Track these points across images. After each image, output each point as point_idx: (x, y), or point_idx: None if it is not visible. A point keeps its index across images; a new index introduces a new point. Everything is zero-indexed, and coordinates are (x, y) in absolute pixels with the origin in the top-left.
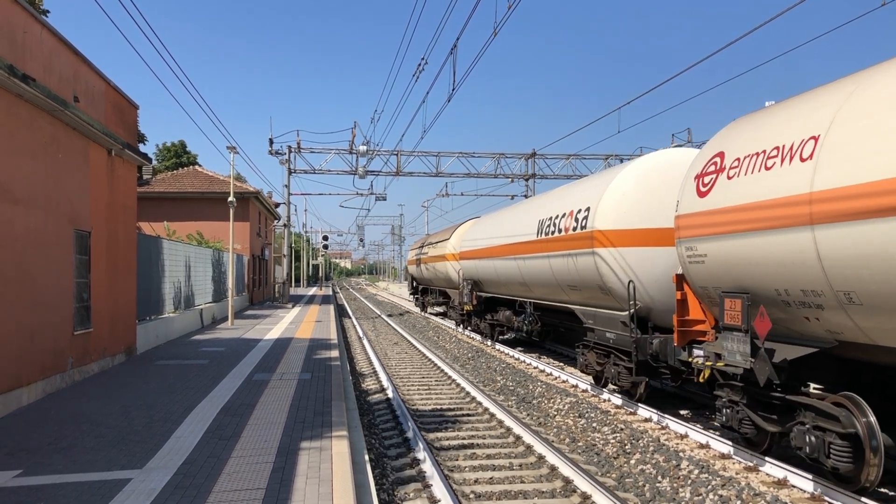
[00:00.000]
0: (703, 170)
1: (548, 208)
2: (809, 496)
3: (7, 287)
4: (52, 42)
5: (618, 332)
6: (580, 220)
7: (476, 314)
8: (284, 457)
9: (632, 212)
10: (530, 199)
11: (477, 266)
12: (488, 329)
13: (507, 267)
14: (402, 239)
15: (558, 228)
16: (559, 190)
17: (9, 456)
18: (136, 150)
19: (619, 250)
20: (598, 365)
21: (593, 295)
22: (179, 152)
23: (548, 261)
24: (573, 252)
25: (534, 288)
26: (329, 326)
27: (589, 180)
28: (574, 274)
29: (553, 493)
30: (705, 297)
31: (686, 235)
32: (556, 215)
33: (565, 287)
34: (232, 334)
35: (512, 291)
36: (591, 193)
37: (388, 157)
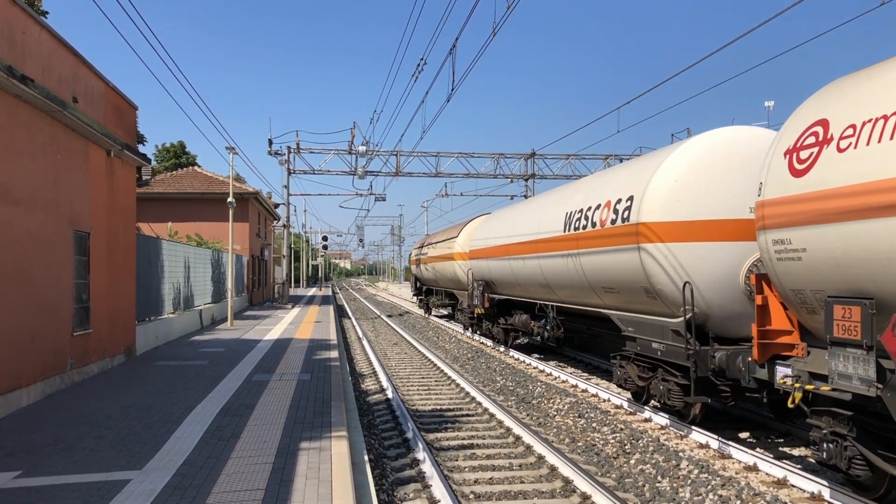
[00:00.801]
0: (798, 143)
1: (576, 200)
2: (809, 496)
3: (6, 288)
4: (51, 43)
5: (667, 343)
6: (621, 212)
7: (488, 318)
8: (284, 457)
9: (686, 200)
10: (554, 191)
11: (489, 266)
12: (501, 334)
13: (526, 267)
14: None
15: (591, 222)
16: (590, 178)
17: (8, 457)
18: (135, 150)
19: (671, 246)
20: (640, 380)
21: (636, 298)
22: (179, 153)
23: (577, 259)
24: (611, 249)
25: (557, 290)
26: (328, 327)
27: (629, 166)
28: (611, 274)
29: (553, 493)
30: (798, 302)
31: (773, 224)
32: (589, 207)
33: (598, 289)
34: (231, 335)
35: (531, 293)
36: (635, 180)
37: (387, 158)
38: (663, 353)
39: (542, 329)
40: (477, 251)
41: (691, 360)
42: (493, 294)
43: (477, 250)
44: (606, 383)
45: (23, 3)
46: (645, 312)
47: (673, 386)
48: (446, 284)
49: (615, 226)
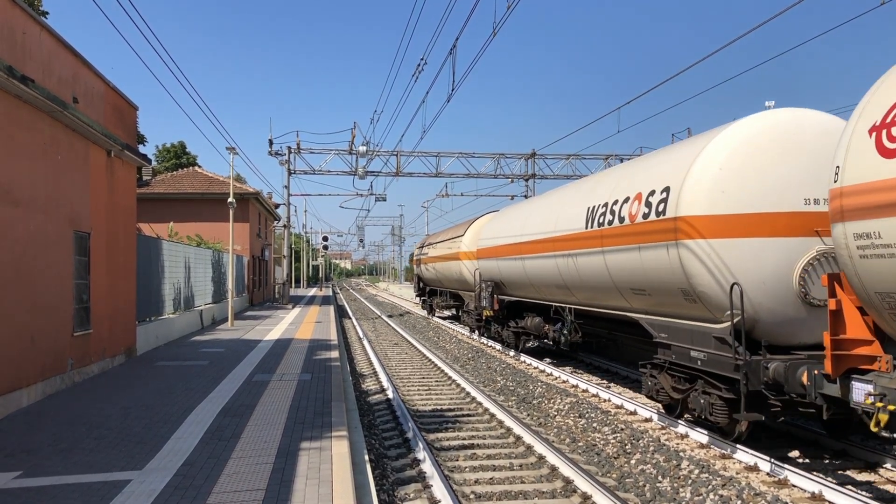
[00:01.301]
0: (889, 117)
1: (600, 193)
2: (810, 496)
3: (7, 289)
4: (51, 43)
5: (709, 352)
6: (654, 206)
7: (497, 320)
8: (284, 458)
9: (732, 191)
10: (572, 185)
11: (499, 266)
12: (512, 338)
13: (542, 267)
14: (402, 239)
15: (619, 217)
16: (615, 170)
17: (8, 457)
18: (135, 151)
19: (715, 243)
20: (675, 392)
21: (670, 301)
22: (179, 153)
23: (601, 257)
24: (644, 246)
25: (576, 291)
26: (329, 327)
27: (662, 153)
28: (642, 274)
29: (553, 493)
30: (885, 307)
31: (856, 215)
32: (615, 201)
33: (626, 291)
34: (232, 335)
35: (545, 295)
36: (672, 169)
37: (387, 158)
38: (704, 363)
39: (557, 333)
40: (485, 250)
41: (741, 372)
42: (503, 295)
43: (485, 249)
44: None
45: (23, 3)
46: (681, 317)
47: (716, 400)
48: (451, 285)
49: (648, 221)
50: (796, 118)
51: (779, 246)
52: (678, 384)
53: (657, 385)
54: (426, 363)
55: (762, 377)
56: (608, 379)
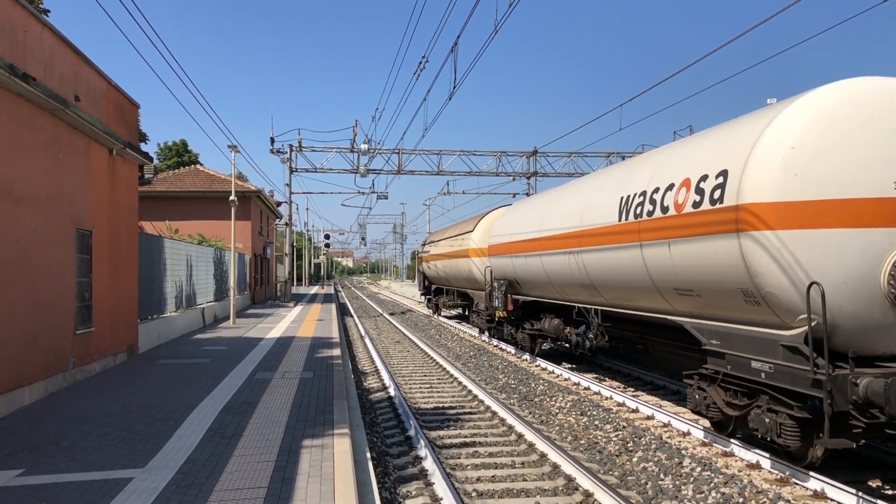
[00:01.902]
0: None
1: (636, 181)
2: (812, 493)
3: (9, 287)
4: (52, 41)
5: (777, 363)
6: (708, 193)
7: (510, 322)
8: (286, 455)
9: (807, 173)
10: (601, 172)
11: (514, 263)
12: (527, 341)
13: (564, 264)
14: (404, 237)
15: (661, 207)
16: (653, 154)
17: (10, 455)
18: (137, 149)
19: (787, 234)
20: (729, 408)
21: (725, 303)
22: (181, 151)
23: (638, 253)
24: (693, 240)
25: (605, 291)
26: (331, 325)
27: (714, 132)
28: (690, 272)
29: (555, 490)
30: None
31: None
32: (656, 189)
33: (667, 291)
34: (234, 333)
35: (567, 295)
36: (729, 149)
37: (389, 156)
38: (770, 376)
39: (581, 337)
40: (497, 247)
41: (825, 389)
42: (518, 295)
43: (498, 246)
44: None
45: (24, 1)
46: (737, 321)
47: (785, 419)
48: (459, 284)
49: (699, 211)
50: (884, 88)
51: (863, 238)
52: (734, 399)
53: (707, 399)
54: (428, 361)
55: (850, 395)
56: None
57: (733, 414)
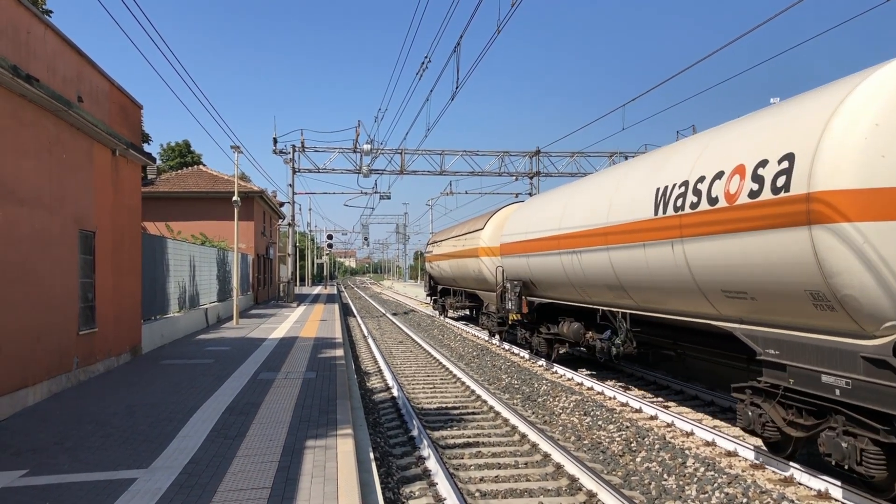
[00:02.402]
0: None
1: (674, 169)
2: (816, 494)
3: (12, 287)
4: (55, 42)
5: (857, 378)
6: (770, 180)
7: (524, 325)
8: (290, 456)
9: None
10: (630, 163)
11: (529, 263)
12: (544, 346)
13: (588, 263)
14: (407, 237)
15: (708, 198)
16: (694, 139)
17: (15, 456)
18: (140, 150)
19: (872, 227)
20: (791, 427)
21: (787, 307)
22: (184, 152)
23: (679, 250)
24: (749, 234)
25: (635, 292)
26: (334, 325)
27: (769, 113)
28: (743, 271)
29: (559, 491)
30: None
31: None
32: (700, 178)
33: (714, 292)
34: (237, 333)
35: (590, 297)
36: (795, 129)
37: (392, 156)
38: (848, 393)
39: (606, 343)
40: (510, 245)
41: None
42: (533, 297)
43: (510, 244)
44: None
45: (27, 2)
46: (802, 328)
47: (868, 445)
48: (468, 284)
49: (758, 201)
50: None
51: None
52: (799, 418)
53: (762, 417)
54: (431, 361)
55: None
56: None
57: (796, 435)
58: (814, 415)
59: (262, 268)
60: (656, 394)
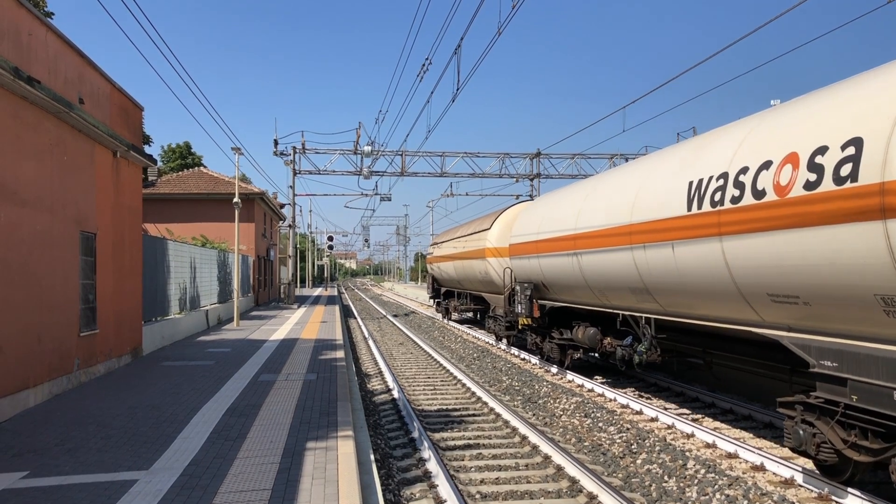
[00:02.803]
0: None
1: (710, 160)
2: (817, 496)
3: (13, 289)
4: (56, 44)
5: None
6: (831, 168)
7: (535, 330)
8: (290, 457)
9: None
10: (657, 155)
11: (541, 265)
12: (556, 351)
13: (609, 264)
14: (407, 239)
15: (754, 190)
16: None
17: (16, 457)
18: (141, 151)
19: None
20: (853, 450)
21: (849, 313)
22: (184, 154)
23: (718, 248)
24: (807, 230)
25: (663, 296)
26: (334, 327)
27: (822, 95)
28: (798, 272)
29: (559, 493)
30: None
31: None
32: (743, 168)
33: (758, 296)
34: (237, 335)
35: (610, 301)
36: (860, 111)
37: (392, 158)
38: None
39: (626, 350)
40: (520, 246)
41: None
42: (545, 300)
43: (520, 245)
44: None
45: (28, 4)
46: (864, 338)
47: None
48: (473, 286)
49: (816, 192)
50: None
51: None
52: (861, 439)
53: (817, 437)
54: (431, 363)
55: None
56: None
57: (859, 459)
58: (882, 437)
59: (262, 269)
60: (657, 395)
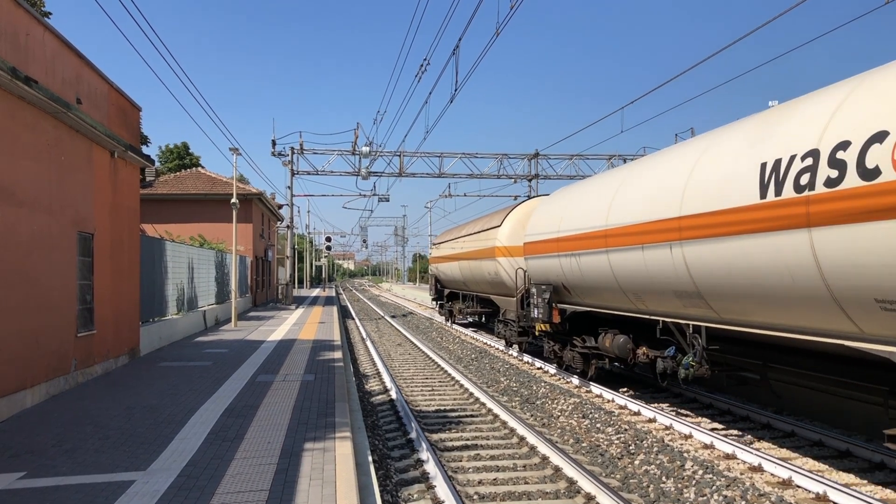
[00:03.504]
0: None
1: (789, 136)
2: (814, 496)
3: (11, 289)
4: (54, 44)
5: None
6: None
7: (553, 336)
8: (288, 458)
9: None
10: (708, 135)
11: (563, 264)
12: (579, 361)
13: (649, 263)
14: (406, 240)
15: (860, 169)
16: (815, 97)
17: (13, 458)
18: (138, 151)
19: None
20: None
21: None
22: (182, 154)
23: (806, 241)
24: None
25: (718, 300)
26: (332, 328)
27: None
28: None
29: (557, 493)
30: None
31: None
32: (843, 143)
33: (860, 302)
34: (235, 336)
35: (647, 305)
36: None
37: (390, 158)
38: None
39: (670, 362)
40: (537, 245)
41: None
42: (566, 304)
43: (537, 243)
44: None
45: (26, 4)
46: None
47: None
48: (480, 288)
49: None
50: None
51: None
52: None
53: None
54: (429, 363)
55: None
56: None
57: None
58: None
59: (260, 270)
60: (654, 397)
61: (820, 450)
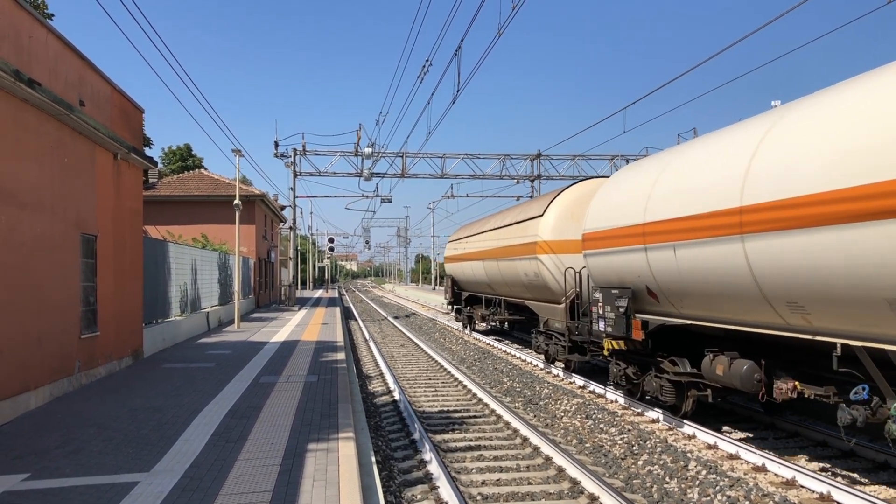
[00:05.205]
0: None
1: None
2: (818, 496)
3: (14, 291)
4: (57, 46)
5: None
6: None
7: (628, 356)
8: (291, 459)
9: None
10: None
11: (650, 260)
12: (669, 392)
13: (830, 253)
14: (408, 241)
15: None
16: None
17: (17, 459)
18: (141, 153)
19: None
20: None
21: None
22: (185, 156)
23: None
24: None
25: None
26: (335, 329)
27: None
28: None
29: (560, 494)
30: None
31: None
32: None
33: None
34: (238, 337)
35: (811, 322)
36: None
37: (393, 159)
38: None
39: (862, 411)
40: (605, 235)
41: None
42: (648, 314)
43: (606, 234)
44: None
45: (29, 6)
46: None
47: None
48: (512, 292)
49: None
50: None
51: None
52: None
53: None
54: (432, 364)
55: None
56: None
57: None
58: None
59: (263, 271)
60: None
61: (824, 450)
